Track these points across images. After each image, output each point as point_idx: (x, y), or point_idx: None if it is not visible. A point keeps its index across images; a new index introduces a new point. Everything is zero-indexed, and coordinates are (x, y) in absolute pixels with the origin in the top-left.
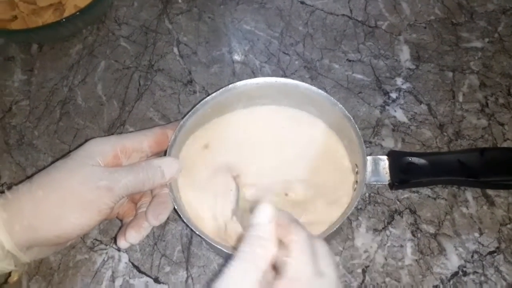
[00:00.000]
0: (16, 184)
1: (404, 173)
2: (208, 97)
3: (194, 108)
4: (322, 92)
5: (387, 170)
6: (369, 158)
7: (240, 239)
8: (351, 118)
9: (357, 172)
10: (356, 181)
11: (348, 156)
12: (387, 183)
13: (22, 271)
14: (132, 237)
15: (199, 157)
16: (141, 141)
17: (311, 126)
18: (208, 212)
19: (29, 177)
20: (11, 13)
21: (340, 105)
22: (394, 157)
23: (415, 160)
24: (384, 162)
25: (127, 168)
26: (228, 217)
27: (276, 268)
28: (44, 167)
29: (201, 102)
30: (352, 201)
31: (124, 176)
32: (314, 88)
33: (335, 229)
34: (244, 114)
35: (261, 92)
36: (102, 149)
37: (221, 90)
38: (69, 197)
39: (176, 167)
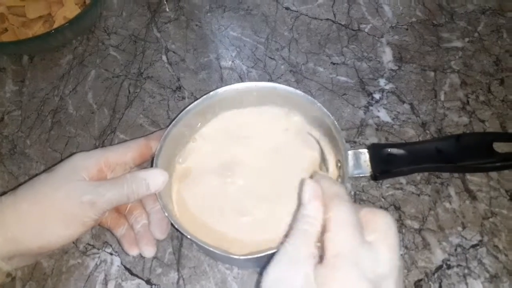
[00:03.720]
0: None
1: (385, 164)
2: (190, 105)
3: (177, 117)
4: (300, 92)
5: (368, 162)
6: (350, 152)
7: None
8: (330, 115)
9: (339, 167)
10: (340, 175)
11: (330, 152)
12: (369, 175)
13: (4, 279)
14: (151, 251)
15: (195, 164)
16: (124, 154)
17: (293, 126)
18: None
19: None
20: (1, 26)
21: (319, 103)
22: (374, 149)
23: (394, 151)
24: (365, 155)
25: (111, 182)
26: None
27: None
28: (36, 175)
29: (184, 111)
30: None
31: (108, 190)
32: (291, 89)
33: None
34: (228, 118)
35: (242, 97)
36: (86, 163)
37: (202, 97)
38: (53, 211)
39: (161, 179)
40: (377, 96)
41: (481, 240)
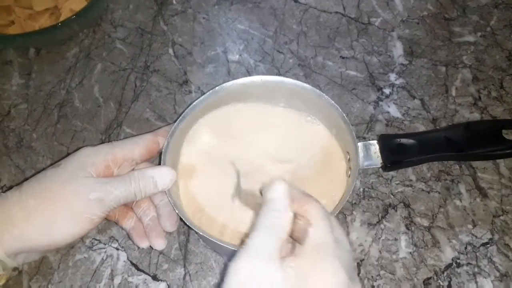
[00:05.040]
0: (4, 191)
1: (395, 155)
2: (196, 101)
3: (184, 113)
4: (307, 85)
5: (378, 153)
6: (359, 144)
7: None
8: (338, 107)
9: (349, 159)
10: (350, 168)
11: (338, 145)
12: (379, 166)
13: (9, 275)
14: (161, 244)
15: (199, 159)
16: (132, 150)
17: (300, 120)
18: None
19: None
20: (7, 18)
21: (326, 96)
22: (384, 140)
23: (404, 141)
24: (375, 146)
25: (119, 179)
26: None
27: (296, 240)
28: (43, 169)
29: (190, 106)
30: (347, 188)
31: (116, 187)
32: (298, 82)
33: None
34: (234, 110)
35: (248, 91)
36: (93, 160)
37: (209, 92)
38: (60, 208)
39: (169, 178)
40: (387, 91)
41: (492, 238)
